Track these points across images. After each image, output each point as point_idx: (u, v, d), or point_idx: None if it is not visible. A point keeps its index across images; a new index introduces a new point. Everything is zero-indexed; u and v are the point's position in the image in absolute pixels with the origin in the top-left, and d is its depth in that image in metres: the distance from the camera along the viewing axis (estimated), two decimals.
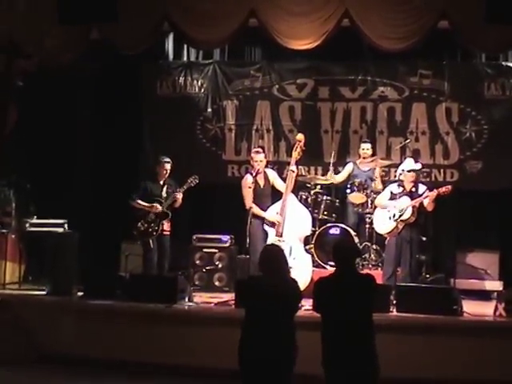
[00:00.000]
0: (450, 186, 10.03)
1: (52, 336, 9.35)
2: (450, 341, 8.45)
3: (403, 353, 8.23)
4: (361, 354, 5.67)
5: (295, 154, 10.28)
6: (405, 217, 9.85)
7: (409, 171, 10.04)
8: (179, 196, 10.39)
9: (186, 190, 10.41)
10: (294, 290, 5.91)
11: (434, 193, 9.81)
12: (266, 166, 10.51)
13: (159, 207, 10.38)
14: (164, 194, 10.51)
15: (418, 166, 10.20)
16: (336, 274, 5.91)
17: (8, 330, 9.37)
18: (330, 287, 5.86)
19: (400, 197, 9.96)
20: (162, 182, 10.59)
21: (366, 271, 10.09)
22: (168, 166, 10.57)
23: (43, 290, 10.17)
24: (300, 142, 10.32)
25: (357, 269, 6.16)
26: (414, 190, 9.98)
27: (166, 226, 10.51)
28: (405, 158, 10.97)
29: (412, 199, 9.89)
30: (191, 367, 8.54)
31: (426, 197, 9.84)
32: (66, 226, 11.25)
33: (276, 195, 10.34)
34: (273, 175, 10.50)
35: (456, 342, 8.45)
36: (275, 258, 5.90)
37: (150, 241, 10.38)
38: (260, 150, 10.58)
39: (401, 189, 10.04)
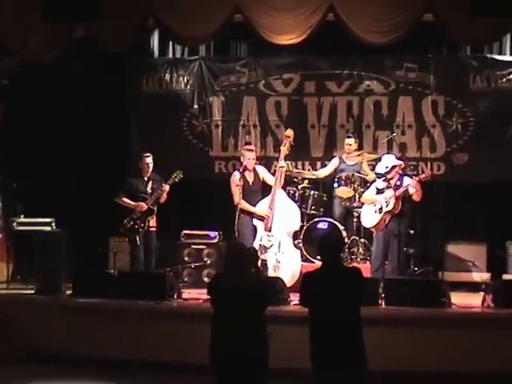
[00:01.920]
0: (429, 172, 10.10)
1: (41, 334, 9.34)
2: (438, 333, 8.48)
3: (392, 346, 8.26)
4: (348, 348, 5.67)
5: (284, 150, 10.30)
6: (388, 208, 9.88)
7: (391, 168, 10.05)
8: (166, 188, 10.34)
9: (171, 186, 10.39)
10: (257, 287, 5.82)
11: (415, 180, 9.85)
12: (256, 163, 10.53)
13: (144, 206, 10.36)
14: (149, 189, 10.49)
15: (394, 163, 10.14)
16: (322, 268, 5.91)
17: None
18: (316, 281, 5.86)
19: (385, 190, 9.99)
20: (146, 178, 10.56)
21: (354, 265, 10.11)
22: (149, 160, 10.54)
23: (32, 289, 10.16)
24: (289, 137, 10.34)
25: (343, 262, 6.15)
26: (398, 183, 10.00)
27: (152, 222, 10.49)
28: (383, 154, 10.93)
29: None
30: (181, 364, 8.55)
31: (407, 185, 9.86)
32: (53, 224, 11.22)
33: (266, 191, 10.35)
34: (262, 171, 10.52)
35: (445, 334, 8.49)
36: (236, 254, 5.86)
37: (137, 237, 10.36)
38: (252, 147, 10.59)
39: (386, 183, 10.06)
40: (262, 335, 5.71)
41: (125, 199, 10.45)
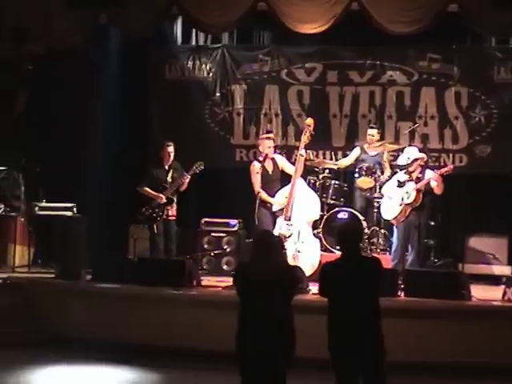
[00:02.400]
0: (451, 165, 10.10)
1: (61, 319, 9.40)
2: (458, 325, 8.45)
3: (411, 337, 8.25)
4: (367, 338, 5.67)
5: (304, 139, 10.28)
6: (409, 200, 9.86)
7: (406, 164, 10.03)
8: (186, 179, 10.38)
9: (191, 176, 10.41)
10: (284, 275, 5.74)
11: (436, 174, 9.82)
12: (274, 151, 10.53)
13: (164, 198, 10.38)
14: (169, 178, 10.51)
15: (417, 156, 10.11)
16: (341, 258, 5.90)
17: (17, 312, 9.42)
18: (335, 271, 5.85)
19: (407, 183, 9.97)
20: (167, 167, 10.59)
21: (373, 255, 10.09)
22: (171, 149, 10.56)
23: (52, 274, 10.22)
24: (309, 126, 10.32)
25: (361, 252, 6.13)
26: (420, 175, 9.97)
27: (172, 211, 10.52)
28: (411, 143, 10.94)
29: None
30: (199, 350, 8.55)
31: (429, 179, 9.83)
32: (74, 209, 11.28)
33: (285, 180, 10.35)
34: (281, 160, 10.53)
35: (464, 326, 8.45)
36: (263, 242, 5.80)
37: (155, 226, 10.40)
38: (271, 135, 10.59)
39: (407, 176, 10.03)
40: (290, 325, 5.65)
41: (146, 189, 10.48)
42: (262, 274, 5.58)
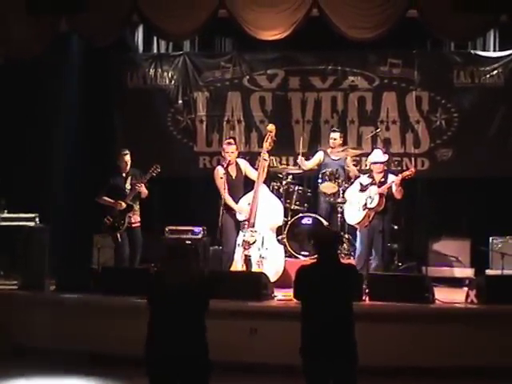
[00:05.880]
0: (413, 169, 10.19)
1: (25, 330, 9.32)
2: (422, 328, 8.50)
3: (376, 341, 8.26)
4: (341, 343, 5.68)
5: (266, 145, 10.32)
6: (372, 205, 9.92)
7: (374, 163, 10.13)
8: (141, 186, 10.36)
9: (149, 180, 10.39)
10: (200, 284, 5.70)
11: (399, 177, 9.89)
12: (238, 157, 10.54)
13: (123, 204, 10.34)
14: (128, 186, 10.50)
15: (383, 158, 10.22)
16: (318, 263, 5.90)
17: None
18: (311, 275, 5.85)
19: (369, 187, 10.02)
20: (124, 175, 10.58)
21: (350, 262, 10.10)
22: (127, 158, 10.57)
23: (15, 285, 10.11)
24: (271, 132, 10.35)
25: (339, 258, 6.11)
26: (383, 179, 10.04)
27: (134, 218, 10.50)
28: (374, 148, 11.03)
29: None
30: None
31: (392, 183, 9.90)
32: (37, 219, 11.19)
33: (248, 185, 10.36)
34: (245, 165, 10.55)
35: (429, 329, 8.50)
36: (176, 252, 5.72)
37: (118, 235, 10.37)
38: (231, 141, 10.62)
39: (370, 179, 10.10)
40: (202, 335, 5.57)
41: (105, 198, 10.47)
42: (173, 284, 5.51)
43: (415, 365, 8.27)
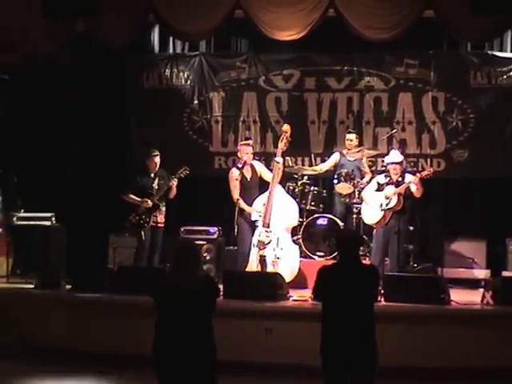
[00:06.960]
0: (431, 169, 10.19)
1: (40, 329, 9.35)
2: (437, 329, 8.48)
3: (391, 342, 8.24)
4: (361, 344, 5.68)
5: (281, 145, 10.31)
6: (391, 205, 9.89)
7: (391, 163, 10.11)
8: (174, 183, 10.41)
9: (178, 180, 10.42)
10: (207, 286, 5.66)
11: (417, 177, 9.87)
12: (253, 158, 10.55)
13: (150, 203, 10.37)
14: (155, 185, 10.53)
15: (399, 159, 10.20)
16: (339, 264, 5.90)
17: None
18: (332, 276, 5.85)
19: (386, 187, 10.00)
20: (152, 175, 10.61)
21: (371, 263, 10.08)
22: (157, 159, 10.61)
23: (31, 284, 10.16)
24: (286, 132, 10.34)
25: (360, 259, 6.10)
26: (400, 179, 10.02)
27: (160, 218, 10.54)
28: (391, 149, 11.02)
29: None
30: None
31: (409, 183, 9.88)
32: (53, 219, 11.24)
33: (263, 187, 10.36)
34: (260, 167, 10.56)
35: (444, 330, 8.49)
36: (182, 252, 5.65)
37: (142, 233, 10.39)
38: (249, 141, 10.60)
39: (387, 179, 10.09)
40: (210, 334, 5.54)
41: (131, 195, 10.47)
42: (184, 283, 5.51)
43: (430, 366, 8.26)
